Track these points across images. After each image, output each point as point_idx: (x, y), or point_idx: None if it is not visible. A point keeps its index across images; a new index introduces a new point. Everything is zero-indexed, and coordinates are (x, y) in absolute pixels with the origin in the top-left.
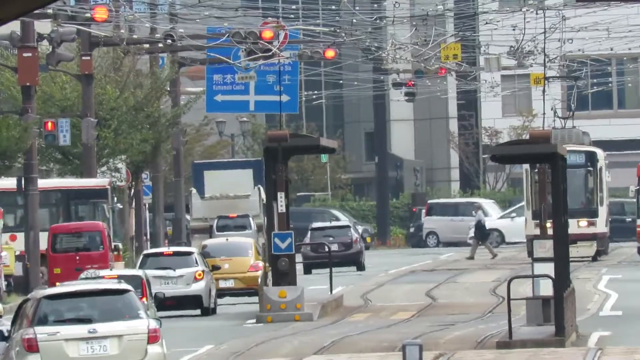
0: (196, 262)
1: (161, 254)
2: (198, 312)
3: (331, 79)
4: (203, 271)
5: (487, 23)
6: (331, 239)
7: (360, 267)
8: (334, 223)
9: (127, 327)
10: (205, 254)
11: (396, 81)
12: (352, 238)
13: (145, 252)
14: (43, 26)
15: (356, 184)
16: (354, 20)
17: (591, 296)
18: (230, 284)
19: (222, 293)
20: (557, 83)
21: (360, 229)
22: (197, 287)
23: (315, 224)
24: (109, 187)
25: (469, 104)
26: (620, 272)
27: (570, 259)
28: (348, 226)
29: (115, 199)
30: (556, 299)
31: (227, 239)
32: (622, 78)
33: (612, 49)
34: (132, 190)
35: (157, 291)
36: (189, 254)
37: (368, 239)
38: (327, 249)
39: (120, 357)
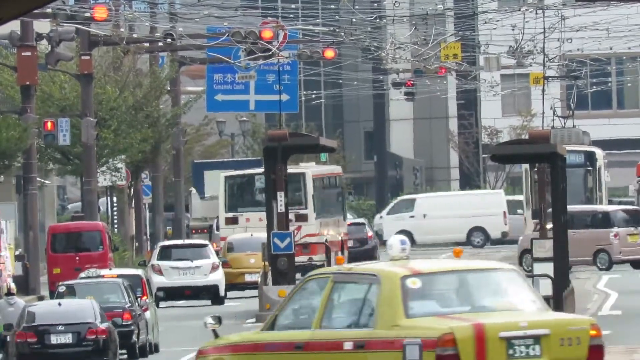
0: (211, 254)
1: (178, 246)
2: (201, 304)
3: (331, 79)
4: (219, 263)
5: (486, 22)
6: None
7: None
8: (350, 220)
9: None
10: (230, 249)
11: (396, 81)
12: (367, 234)
13: (161, 244)
14: (42, 25)
15: (356, 184)
16: (354, 20)
17: (590, 296)
18: (255, 277)
19: (245, 286)
20: (556, 83)
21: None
22: (214, 278)
23: None
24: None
25: (469, 103)
26: (619, 272)
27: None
28: (363, 223)
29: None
30: (555, 299)
31: (251, 235)
32: (622, 78)
33: (611, 49)
34: (132, 190)
35: (156, 291)
36: (204, 246)
37: None
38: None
39: None
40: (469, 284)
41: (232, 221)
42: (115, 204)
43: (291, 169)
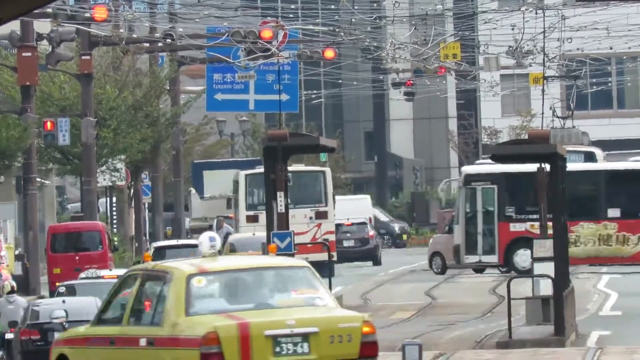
0: None
1: (171, 247)
2: None
3: (330, 79)
4: None
5: (486, 22)
6: (349, 235)
7: (377, 262)
8: (352, 220)
9: None
10: (232, 248)
11: (395, 80)
12: (368, 234)
13: (155, 245)
14: (42, 26)
15: (356, 184)
16: (353, 20)
17: (591, 296)
18: None
19: None
20: (556, 83)
21: (396, 226)
22: None
23: None
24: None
25: (469, 103)
26: (620, 272)
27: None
28: (365, 223)
29: None
30: (556, 299)
31: (253, 234)
32: (622, 77)
33: (611, 48)
34: (132, 190)
35: None
36: (198, 246)
37: (404, 236)
38: (344, 245)
39: None
40: (258, 282)
41: (253, 219)
42: (114, 204)
43: (311, 167)
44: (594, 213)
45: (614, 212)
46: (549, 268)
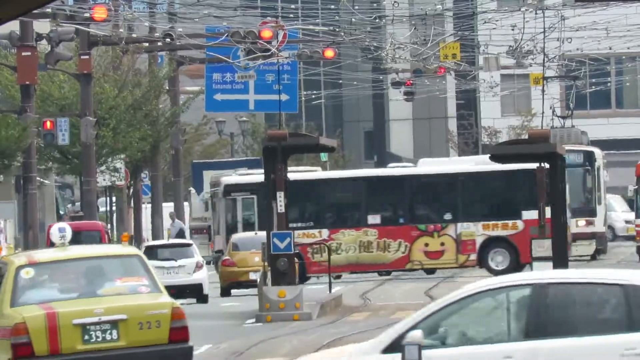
0: (195, 253)
1: (163, 246)
2: (195, 302)
3: (330, 79)
4: (203, 262)
5: (486, 22)
6: None
7: None
8: None
9: None
10: (234, 248)
11: (395, 80)
12: None
13: (146, 244)
14: (42, 26)
15: None
16: (353, 20)
17: None
18: (259, 276)
19: (250, 284)
20: (556, 83)
21: None
22: (199, 277)
23: None
24: None
25: (468, 103)
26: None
27: (569, 258)
28: None
29: None
30: None
31: (255, 233)
32: (621, 77)
33: (610, 49)
34: (131, 190)
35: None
36: (189, 245)
37: None
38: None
39: None
40: (86, 271)
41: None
42: (114, 204)
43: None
44: (355, 220)
45: (374, 219)
46: (548, 268)
